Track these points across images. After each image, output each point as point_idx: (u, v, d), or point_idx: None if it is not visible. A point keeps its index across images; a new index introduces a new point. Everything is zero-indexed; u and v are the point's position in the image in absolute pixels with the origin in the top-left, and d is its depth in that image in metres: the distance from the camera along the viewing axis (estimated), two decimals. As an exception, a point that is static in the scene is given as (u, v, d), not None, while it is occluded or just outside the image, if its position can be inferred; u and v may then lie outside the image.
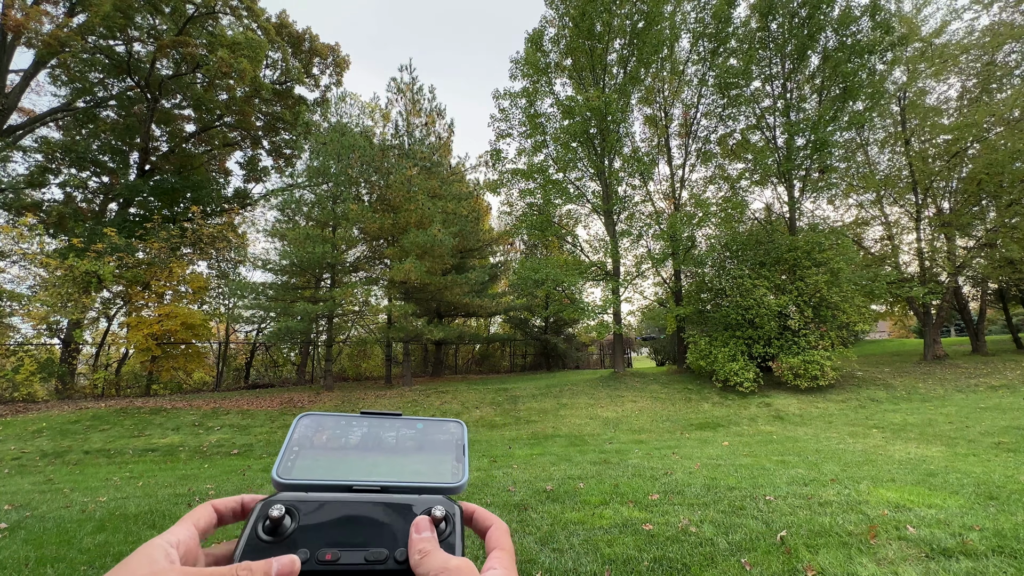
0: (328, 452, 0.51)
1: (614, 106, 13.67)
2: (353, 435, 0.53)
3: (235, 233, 18.18)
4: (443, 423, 0.57)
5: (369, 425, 0.55)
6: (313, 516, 0.42)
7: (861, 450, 6.50)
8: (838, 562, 2.77)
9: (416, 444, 0.54)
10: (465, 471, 0.51)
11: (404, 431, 0.55)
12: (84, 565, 3.20)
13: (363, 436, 0.54)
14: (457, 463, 0.52)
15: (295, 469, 0.48)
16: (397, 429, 0.55)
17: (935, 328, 14.73)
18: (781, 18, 14.06)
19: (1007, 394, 10.52)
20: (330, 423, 0.54)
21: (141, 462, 7.93)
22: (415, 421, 0.56)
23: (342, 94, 16.37)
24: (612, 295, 14.73)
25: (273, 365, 20.45)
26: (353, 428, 0.54)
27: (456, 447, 0.54)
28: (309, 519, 0.42)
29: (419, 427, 0.56)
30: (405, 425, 0.56)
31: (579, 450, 7.54)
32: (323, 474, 0.48)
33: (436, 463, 0.52)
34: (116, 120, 18.91)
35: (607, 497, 4.27)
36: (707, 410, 11.17)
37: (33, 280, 13.98)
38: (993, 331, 27.83)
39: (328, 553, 0.40)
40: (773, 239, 14.21)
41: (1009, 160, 12.71)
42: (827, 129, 13.48)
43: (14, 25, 14.43)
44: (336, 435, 0.53)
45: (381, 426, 0.55)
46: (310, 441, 0.52)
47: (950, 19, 14.93)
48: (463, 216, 16.41)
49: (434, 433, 0.56)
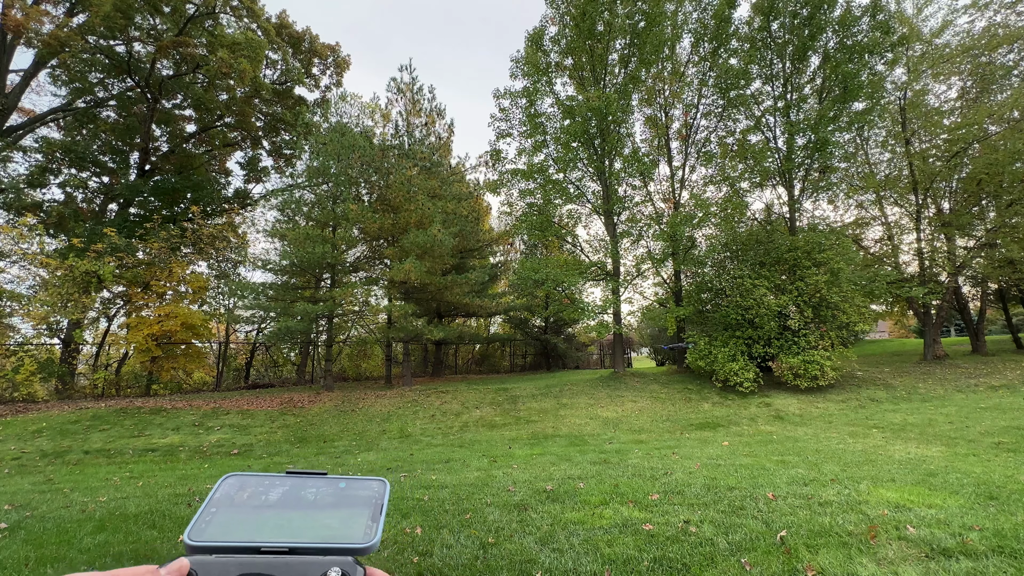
0: (245, 512, 0.51)
1: (615, 106, 13.66)
2: (273, 494, 0.54)
3: (235, 233, 18.19)
4: (366, 481, 0.57)
5: (292, 484, 0.55)
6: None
7: (861, 450, 6.50)
8: (838, 562, 2.77)
9: (334, 501, 0.54)
10: (378, 531, 0.51)
11: (324, 489, 0.55)
12: (84, 565, 3.20)
13: (283, 495, 0.54)
14: (372, 522, 0.52)
15: (208, 530, 0.48)
16: (319, 487, 0.55)
17: (935, 328, 14.72)
18: (782, 18, 14.07)
19: (1007, 394, 10.52)
20: (253, 482, 0.55)
21: (141, 462, 7.93)
22: (338, 480, 0.57)
23: (342, 94, 16.38)
24: (612, 295, 14.73)
25: (273, 365, 20.46)
26: (276, 487, 0.55)
27: (374, 505, 0.54)
28: None
29: (341, 486, 0.56)
30: (328, 484, 0.56)
31: (579, 450, 7.54)
32: (235, 535, 0.48)
33: (349, 520, 0.52)
34: (116, 120, 18.92)
35: (607, 497, 4.27)
36: (707, 410, 11.17)
37: (33, 280, 13.99)
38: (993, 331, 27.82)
39: None
40: (773, 239, 14.21)
41: (1009, 160, 12.71)
42: (828, 129, 13.49)
43: (14, 25, 14.43)
44: (257, 493, 0.53)
45: (304, 485, 0.55)
46: (231, 500, 0.52)
47: (951, 19, 14.94)
48: (463, 216, 16.42)
49: (355, 490, 0.56)
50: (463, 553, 3.15)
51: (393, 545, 3.35)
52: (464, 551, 3.18)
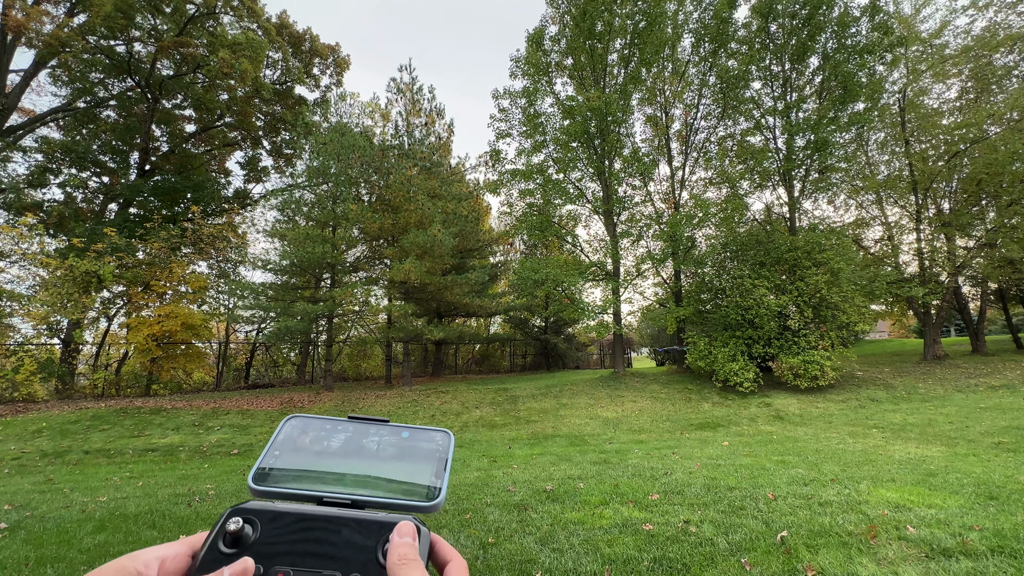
0: (308, 457, 0.50)
1: (615, 106, 13.66)
2: (335, 440, 0.52)
3: (235, 233, 18.18)
4: (430, 432, 0.54)
5: (354, 430, 0.53)
6: (275, 528, 0.40)
7: (861, 450, 6.50)
8: (838, 562, 2.77)
9: (397, 452, 0.52)
10: (443, 489, 0.48)
11: (387, 438, 0.53)
12: (84, 565, 3.20)
13: (345, 441, 0.52)
14: (436, 478, 0.49)
15: (270, 475, 0.47)
16: (381, 435, 0.53)
17: (935, 328, 14.72)
18: (781, 19, 14.07)
19: (1007, 394, 10.52)
20: (315, 426, 0.53)
21: (141, 462, 7.93)
22: (401, 429, 0.54)
23: (342, 94, 16.38)
24: (612, 295, 14.73)
25: (273, 365, 20.45)
26: (338, 432, 0.53)
27: (438, 460, 0.51)
28: (270, 531, 0.40)
29: (404, 436, 0.54)
30: (390, 433, 0.54)
31: (579, 450, 7.54)
32: (297, 481, 0.47)
33: (413, 475, 0.50)
34: (116, 120, 18.91)
35: (607, 497, 4.27)
36: (707, 410, 11.17)
37: (33, 280, 13.98)
38: (993, 331, 27.83)
39: (281, 571, 0.38)
40: (773, 239, 14.21)
41: (1009, 160, 12.71)
42: (827, 129, 13.49)
43: (15, 25, 14.43)
44: (319, 438, 0.52)
45: (366, 432, 0.53)
46: (293, 443, 0.51)
47: (950, 19, 14.94)
48: (463, 216, 16.41)
49: (418, 442, 0.53)
50: (463, 553, 3.15)
51: (393, 545, 3.34)
52: (464, 551, 3.18)
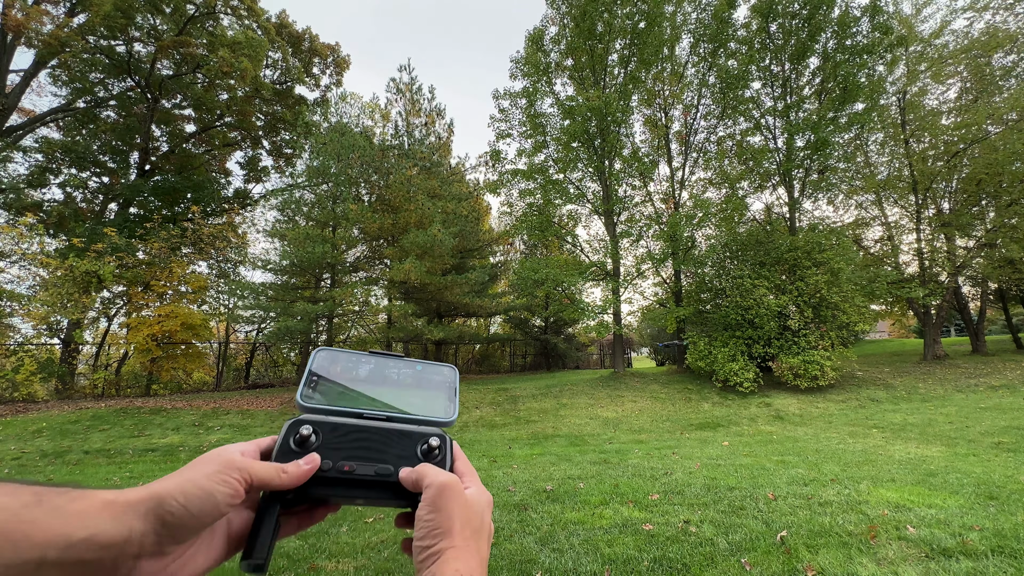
0: (341, 383, 0.58)
1: (614, 106, 13.66)
2: (362, 370, 0.61)
3: (235, 233, 18.18)
4: (439, 367, 0.64)
5: (376, 363, 0.62)
6: (332, 435, 0.51)
7: (861, 450, 6.50)
8: (838, 562, 2.77)
9: (414, 382, 0.62)
10: (455, 409, 0.60)
11: (405, 370, 0.63)
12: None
13: (371, 371, 0.61)
14: (449, 402, 0.61)
15: (315, 396, 0.55)
16: (399, 368, 0.62)
17: (935, 328, 14.72)
18: (781, 19, 14.06)
19: (1007, 394, 10.52)
20: (343, 358, 0.61)
21: (141, 462, 7.92)
22: (415, 363, 0.64)
23: (342, 94, 16.40)
24: (612, 295, 14.73)
25: (273, 365, 20.44)
26: (363, 364, 0.61)
27: (448, 388, 0.63)
28: (329, 437, 0.50)
29: (418, 369, 0.63)
30: (407, 366, 0.63)
31: (579, 450, 7.54)
32: (337, 401, 0.56)
33: (430, 399, 0.60)
34: (116, 120, 18.91)
35: (607, 497, 4.27)
36: (707, 410, 11.17)
37: (33, 280, 13.98)
38: (993, 331, 27.83)
39: (347, 465, 0.49)
40: (773, 239, 14.21)
41: (1009, 160, 12.71)
42: (827, 129, 13.49)
43: (14, 25, 14.43)
44: (348, 368, 0.60)
45: (386, 364, 0.62)
46: (326, 372, 0.58)
47: (950, 19, 14.94)
48: (463, 216, 16.42)
49: (430, 374, 0.63)
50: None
51: (393, 545, 3.35)
52: None
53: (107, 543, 0.33)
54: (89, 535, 0.32)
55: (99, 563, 0.32)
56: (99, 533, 0.32)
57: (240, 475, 0.40)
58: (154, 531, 0.35)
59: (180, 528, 0.36)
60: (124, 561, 0.34)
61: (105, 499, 0.34)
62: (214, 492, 0.38)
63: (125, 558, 0.34)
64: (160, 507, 0.35)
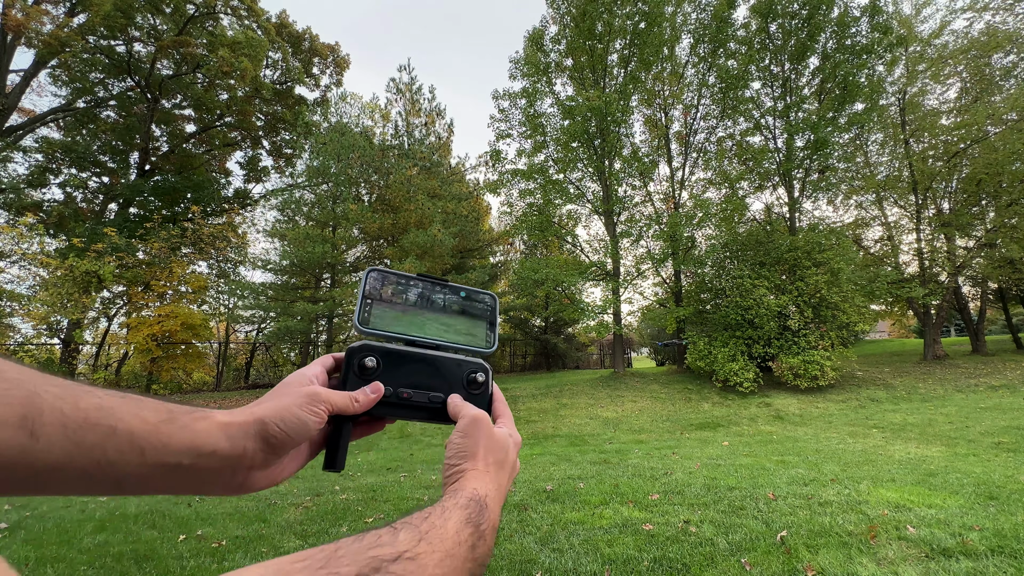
0: (392, 306, 0.61)
1: (614, 107, 13.66)
2: (411, 293, 0.63)
3: (235, 233, 18.17)
4: (480, 294, 0.67)
5: (423, 286, 0.64)
6: (390, 363, 0.56)
7: (861, 450, 6.50)
8: (838, 562, 2.77)
9: (459, 309, 0.65)
10: (495, 339, 0.65)
11: (450, 296, 0.65)
12: (84, 565, 3.20)
13: (419, 296, 0.64)
14: (490, 331, 0.65)
15: (371, 319, 0.59)
16: (445, 293, 0.65)
17: (935, 328, 14.72)
18: (781, 19, 14.06)
19: (1007, 394, 10.52)
20: (392, 279, 0.63)
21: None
22: (459, 289, 0.66)
23: (342, 94, 16.42)
24: (612, 295, 14.73)
25: (273, 365, 20.43)
26: (411, 287, 0.64)
27: (489, 317, 0.66)
28: (388, 365, 0.56)
29: (462, 295, 0.66)
30: (451, 292, 0.66)
31: (579, 450, 7.54)
32: (392, 326, 0.59)
33: (472, 327, 0.64)
34: (116, 120, 18.91)
35: (607, 497, 4.27)
36: (707, 410, 11.17)
37: (33, 280, 13.97)
38: (993, 331, 27.83)
39: (405, 392, 0.55)
40: (773, 239, 14.20)
41: (1008, 160, 12.71)
42: (827, 129, 13.49)
43: (15, 25, 14.43)
44: (398, 291, 0.63)
45: (432, 288, 0.65)
46: (379, 293, 0.61)
47: (949, 20, 14.94)
48: (463, 216, 16.42)
49: (473, 301, 0.67)
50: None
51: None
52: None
53: (225, 456, 0.41)
54: (212, 450, 0.40)
55: (221, 470, 0.41)
56: (220, 449, 0.41)
57: (324, 405, 0.48)
58: (261, 449, 0.44)
59: (280, 446, 0.45)
60: (240, 470, 0.43)
61: (221, 421, 0.42)
62: (306, 420, 0.46)
63: (240, 468, 0.43)
64: (264, 430, 0.44)
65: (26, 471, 0.32)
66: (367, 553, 0.31)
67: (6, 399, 0.31)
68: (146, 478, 0.37)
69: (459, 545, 0.38)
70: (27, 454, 0.31)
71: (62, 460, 0.33)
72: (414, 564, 0.32)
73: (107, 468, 0.35)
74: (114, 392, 0.38)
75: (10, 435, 0.31)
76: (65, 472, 0.33)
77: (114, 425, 0.36)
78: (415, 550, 0.34)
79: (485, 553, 0.41)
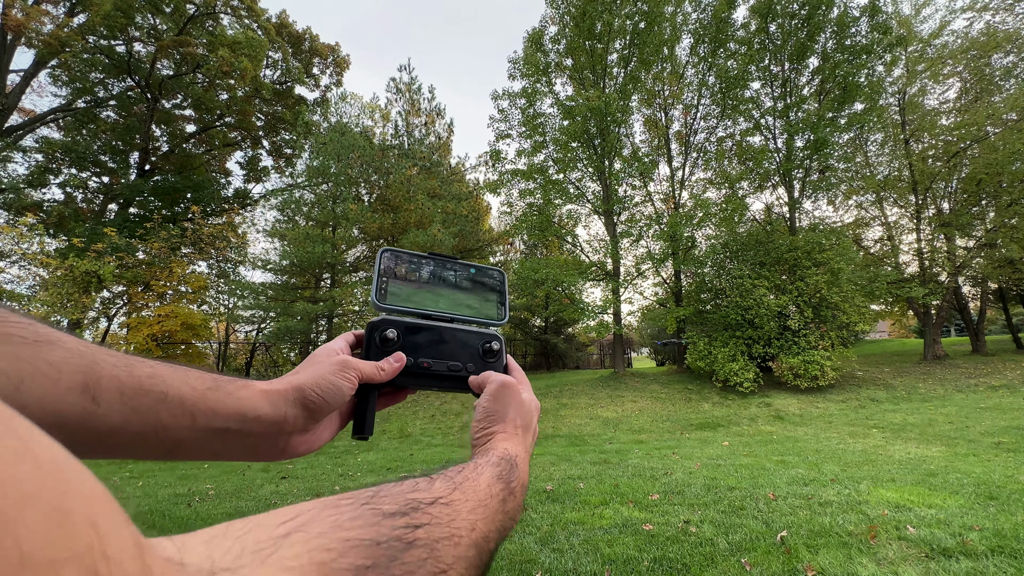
0: (407, 284, 0.64)
1: (614, 106, 13.65)
2: (424, 271, 0.66)
3: (235, 233, 18.16)
4: (489, 270, 0.70)
5: (435, 264, 0.67)
6: (411, 335, 0.59)
7: (861, 450, 6.50)
8: (838, 562, 2.77)
9: (470, 285, 0.68)
10: (506, 312, 0.68)
11: (461, 273, 0.68)
12: (84, 565, 3.19)
13: (431, 273, 0.66)
14: (500, 304, 0.68)
15: (387, 296, 0.61)
16: (456, 270, 0.68)
17: (935, 328, 14.72)
18: (780, 20, 14.06)
19: (1007, 394, 10.52)
20: (405, 258, 0.65)
21: (141, 462, 7.92)
22: (469, 266, 0.69)
23: (342, 94, 16.42)
24: (612, 295, 14.72)
25: (273, 365, 20.43)
26: (424, 265, 0.66)
27: (499, 291, 0.69)
28: (409, 337, 0.58)
29: (472, 272, 0.69)
30: (461, 268, 0.68)
31: (579, 450, 7.54)
32: (406, 302, 0.62)
33: (484, 301, 0.67)
34: (116, 120, 18.90)
35: (607, 497, 4.27)
36: (707, 410, 11.17)
37: (33, 280, 13.97)
38: (993, 331, 27.84)
39: (425, 362, 0.58)
40: (773, 239, 14.20)
41: (1008, 160, 12.71)
42: (827, 129, 13.49)
43: (15, 25, 14.43)
44: (411, 269, 0.65)
45: (444, 265, 0.67)
46: (393, 272, 0.63)
47: (949, 20, 14.95)
48: (463, 216, 16.43)
49: (483, 277, 0.69)
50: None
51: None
52: None
53: (269, 422, 0.44)
54: (257, 415, 0.43)
55: (264, 434, 0.45)
56: (264, 415, 0.44)
57: (354, 373, 0.51)
58: (301, 415, 0.47)
59: (317, 411, 0.48)
60: (282, 435, 0.46)
61: (262, 389, 0.45)
62: (341, 386, 0.49)
63: (283, 434, 0.46)
64: (302, 396, 0.47)
65: (88, 434, 0.34)
66: (406, 495, 0.33)
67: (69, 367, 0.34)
68: (199, 442, 0.40)
69: (491, 497, 0.39)
70: (89, 418, 0.34)
71: (119, 424, 0.35)
72: (449, 508, 0.34)
73: (161, 432, 0.38)
74: (163, 363, 0.41)
75: (74, 400, 0.33)
76: (122, 435, 0.36)
77: (165, 391, 0.38)
78: (450, 496, 0.35)
79: (515, 508, 0.42)
